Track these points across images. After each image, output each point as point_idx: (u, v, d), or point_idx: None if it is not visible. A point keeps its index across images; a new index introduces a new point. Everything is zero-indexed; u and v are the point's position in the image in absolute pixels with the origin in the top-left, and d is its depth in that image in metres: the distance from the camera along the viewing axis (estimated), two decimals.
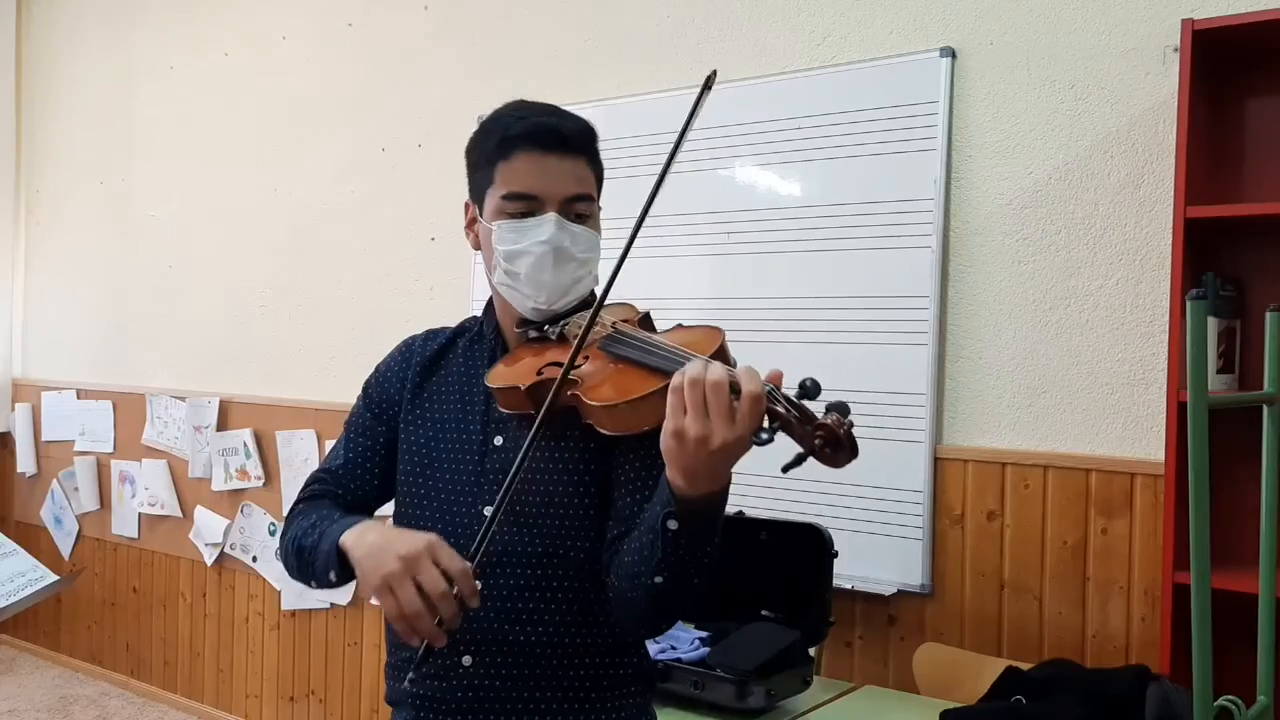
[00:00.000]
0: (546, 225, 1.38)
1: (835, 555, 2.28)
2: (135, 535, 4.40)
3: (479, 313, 1.57)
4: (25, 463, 4.88)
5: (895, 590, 2.52)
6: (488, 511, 1.35)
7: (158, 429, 4.30)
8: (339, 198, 3.76)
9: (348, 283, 3.73)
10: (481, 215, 1.44)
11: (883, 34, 2.63)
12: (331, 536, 1.30)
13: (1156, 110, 2.26)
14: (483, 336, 1.52)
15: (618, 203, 3.07)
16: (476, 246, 1.47)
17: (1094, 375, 2.34)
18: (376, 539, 1.24)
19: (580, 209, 1.42)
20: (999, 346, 2.46)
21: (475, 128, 1.50)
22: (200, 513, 4.11)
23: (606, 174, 1.57)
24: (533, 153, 1.40)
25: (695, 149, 2.85)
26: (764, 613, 2.27)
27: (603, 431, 1.27)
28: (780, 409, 1.13)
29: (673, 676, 2.10)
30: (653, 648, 2.15)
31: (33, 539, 4.87)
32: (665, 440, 1.13)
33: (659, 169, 1.36)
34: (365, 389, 1.54)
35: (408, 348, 1.55)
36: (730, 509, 2.57)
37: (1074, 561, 2.33)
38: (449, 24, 3.49)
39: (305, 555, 1.37)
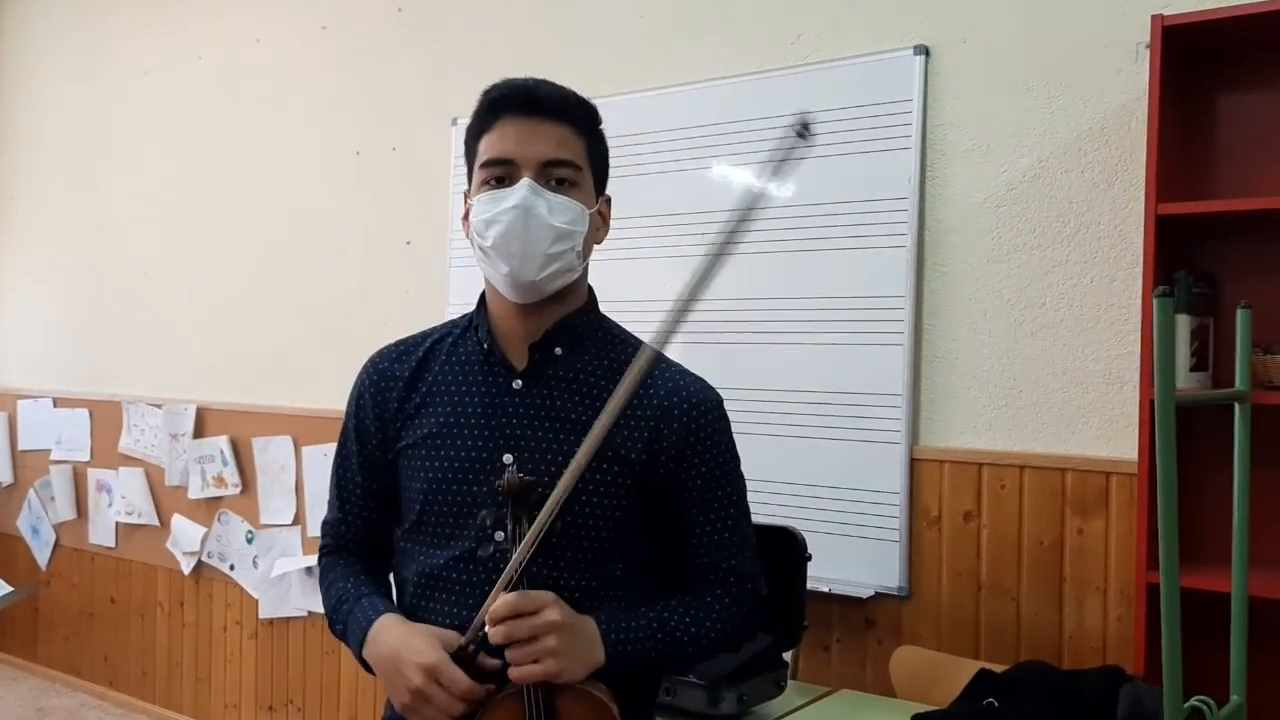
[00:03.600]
0: (518, 190, 1.34)
1: (808, 558, 2.26)
2: (112, 544, 4.36)
3: (451, 317, 1.53)
4: (1, 472, 4.83)
5: (872, 593, 2.50)
6: (499, 536, 1.32)
7: (134, 437, 4.26)
8: (313, 202, 3.73)
9: (323, 287, 3.70)
10: (470, 194, 1.41)
11: (856, 32, 2.61)
12: (354, 640, 1.41)
13: (1129, 107, 2.25)
14: (466, 340, 1.46)
15: None
16: (469, 236, 1.43)
17: (1069, 374, 2.33)
18: (386, 656, 1.32)
19: (561, 174, 1.37)
20: (974, 346, 2.44)
21: (450, 131, 1.48)
22: (177, 521, 4.07)
23: None
24: (510, 118, 1.37)
25: (669, 149, 2.83)
26: None
27: None
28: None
29: None
30: None
31: (10, 549, 4.82)
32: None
33: (636, 171, 1.35)
34: (343, 434, 1.51)
35: (376, 370, 1.49)
36: None
37: (1050, 562, 2.31)
38: (422, 26, 3.46)
39: (339, 636, 1.47)
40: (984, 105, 2.43)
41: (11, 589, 1.69)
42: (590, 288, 1.50)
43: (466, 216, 1.43)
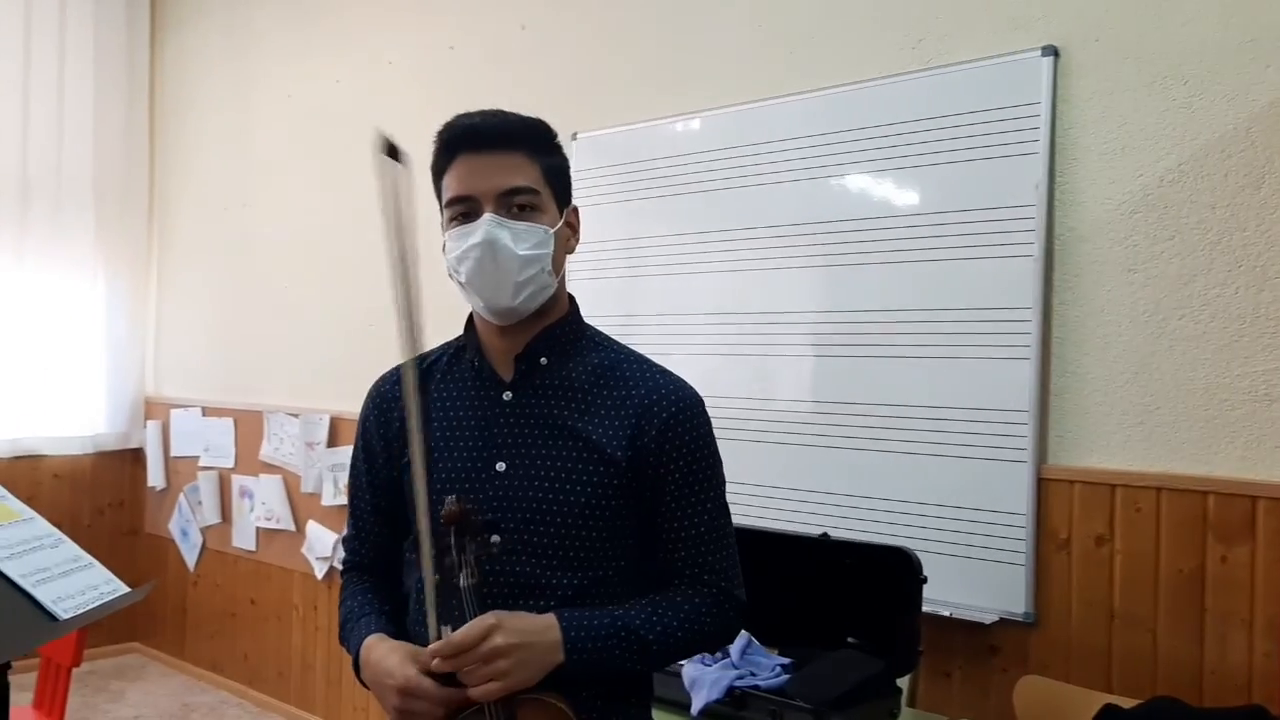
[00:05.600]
0: (481, 226, 1.41)
1: (924, 581, 2.17)
2: (253, 548, 4.54)
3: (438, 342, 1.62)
4: (155, 477, 5.10)
5: (996, 618, 2.38)
6: (495, 539, 1.40)
7: (274, 445, 4.43)
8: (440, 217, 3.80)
9: (445, 299, 3.76)
10: (443, 231, 1.49)
11: (982, 34, 2.52)
12: (352, 659, 1.47)
13: (1278, 105, 2.09)
14: (460, 359, 1.54)
15: (712, 215, 3.03)
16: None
17: (1212, 391, 2.17)
18: (371, 679, 1.40)
19: (521, 201, 1.43)
20: (1108, 360, 2.31)
21: (570, 143, 1.53)
22: (312, 527, 4.22)
23: (699, 186, 1.57)
24: (464, 156, 1.44)
25: (787, 159, 2.78)
26: (850, 640, 2.18)
27: None
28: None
29: (749, 704, 2.02)
30: (730, 673, 2.08)
31: (162, 550, 5.08)
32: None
33: (757, 182, 1.33)
34: (353, 457, 1.61)
35: (378, 393, 1.60)
36: (814, 530, 2.50)
37: (1190, 591, 2.16)
38: (545, 42, 3.50)
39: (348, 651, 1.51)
40: (1118, 106, 2.30)
41: (128, 590, 1.76)
42: (571, 296, 1.57)
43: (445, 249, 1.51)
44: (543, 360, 1.49)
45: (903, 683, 2.19)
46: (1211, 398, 2.17)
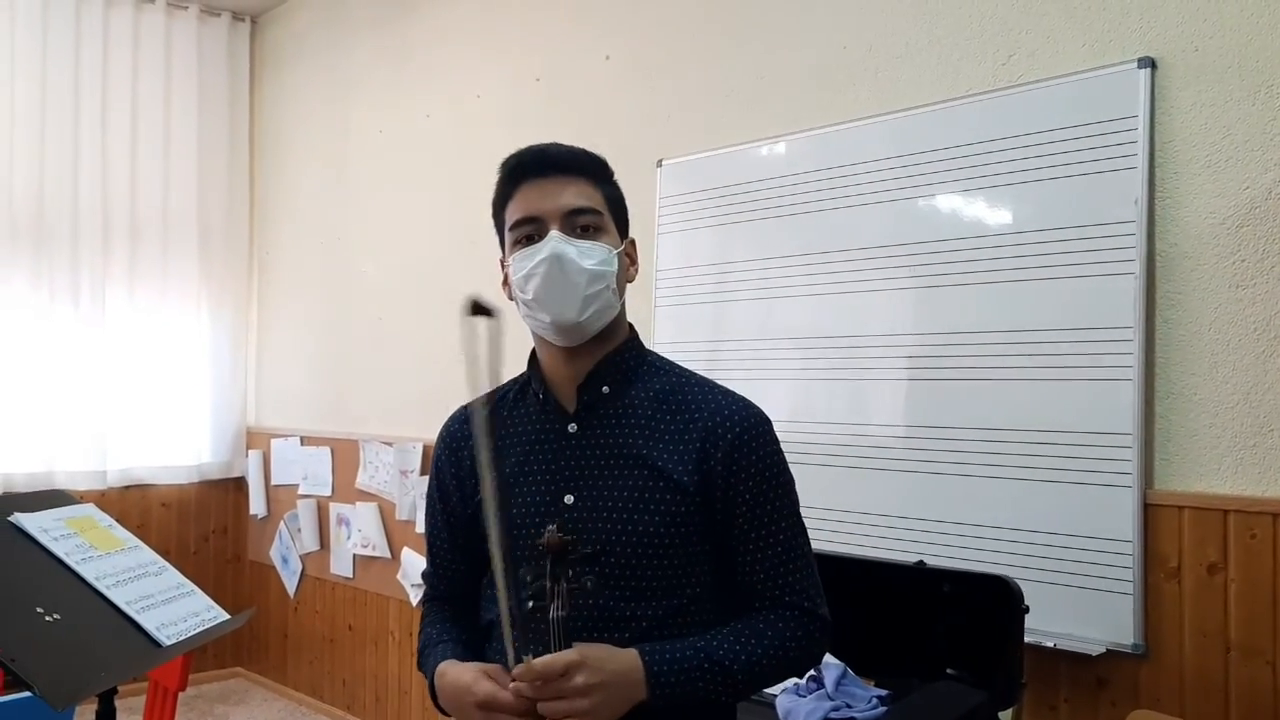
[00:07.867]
0: (548, 242, 1.43)
1: (1026, 610, 2.10)
2: (350, 575, 4.62)
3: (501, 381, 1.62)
4: (257, 505, 5.23)
5: (1104, 650, 2.30)
6: (587, 580, 1.37)
7: (369, 473, 4.51)
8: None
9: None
10: (505, 259, 1.51)
11: (1074, 47, 2.46)
12: (428, 685, 1.47)
13: None
14: (525, 394, 1.54)
15: (800, 238, 3.00)
16: (512, 298, 1.51)
17: None
18: (450, 700, 1.40)
19: (585, 221, 1.45)
20: (1217, 380, 2.22)
21: (655, 170, 1.54)
22: (406, 554, 4.27)
23: (786, 209, 1.56)
24: (530, 181, 1.46)
25: (881, 179, 2.74)
26: (949, 671, 2.12)
27: None
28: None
29: None
30: (825, 705, 2.04)
31: (263, 577, 5.20)
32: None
33: (843, 204, 1.32)
34: (428, 496, 1.63)
35: (447, 433, 1.61)
36: (910, 558, 2.44)
37: None
38: (629, 72, 3.53)
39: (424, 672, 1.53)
40: (1221, 116, 2.22)
41: (229, 617, 1.80)
42: (630, 324, 1.57)
43: (506, 281, 1.53)
44: (605, 389, 1.49)
45: (1005, 716, 2.12)
46: None
